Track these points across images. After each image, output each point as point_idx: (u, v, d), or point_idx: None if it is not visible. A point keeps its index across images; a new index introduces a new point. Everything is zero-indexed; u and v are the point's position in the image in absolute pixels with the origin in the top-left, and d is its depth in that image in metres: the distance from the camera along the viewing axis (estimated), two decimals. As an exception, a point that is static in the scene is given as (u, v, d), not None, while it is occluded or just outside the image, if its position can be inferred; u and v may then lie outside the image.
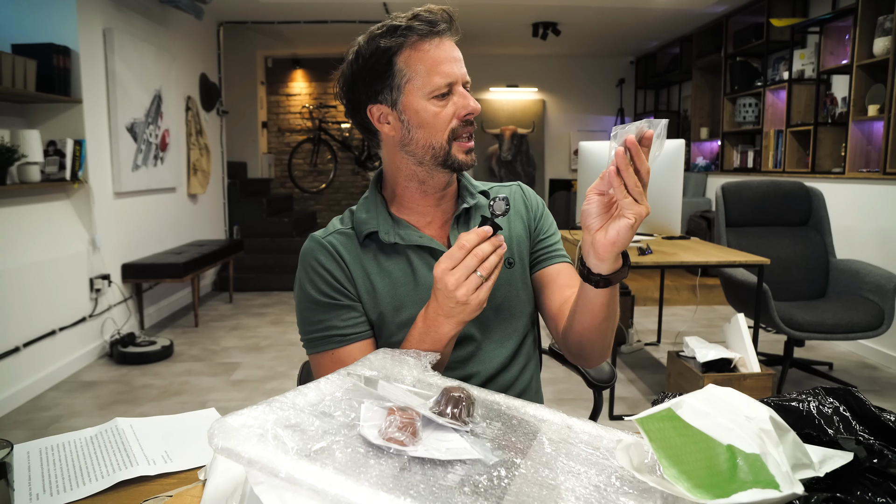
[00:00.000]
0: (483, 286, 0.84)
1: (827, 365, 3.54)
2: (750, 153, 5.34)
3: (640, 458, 0.67)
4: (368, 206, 1.07)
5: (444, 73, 0.97)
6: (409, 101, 0.98)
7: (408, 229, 1.05)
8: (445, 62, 0.97)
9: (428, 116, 0.98)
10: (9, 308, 2.98)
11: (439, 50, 0.96)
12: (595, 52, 7.52)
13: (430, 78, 0.96)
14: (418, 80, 0.97)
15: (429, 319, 0.89)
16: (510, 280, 1.09)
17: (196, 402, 3.07)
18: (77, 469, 0.80)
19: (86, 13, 3.62)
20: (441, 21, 0.96)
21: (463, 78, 0.99)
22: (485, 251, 0.83)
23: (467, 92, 1.00)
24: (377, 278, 1.03)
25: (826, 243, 3.37)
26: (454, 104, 0.99)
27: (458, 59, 0.99)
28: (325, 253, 1.02)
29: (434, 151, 1.00)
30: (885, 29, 3.64)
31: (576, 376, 1.51)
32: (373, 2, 5.20)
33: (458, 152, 1.01)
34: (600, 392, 1.41)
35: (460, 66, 0.99)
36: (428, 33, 0.96)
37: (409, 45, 0.96)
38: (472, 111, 0.99)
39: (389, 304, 1.02)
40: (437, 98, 0.97)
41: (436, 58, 0.96)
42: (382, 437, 0.61)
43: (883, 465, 0.60)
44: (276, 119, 7.90)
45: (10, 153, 2.97)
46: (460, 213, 1.08)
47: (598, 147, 2.97)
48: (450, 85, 0.97)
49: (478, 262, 0.83)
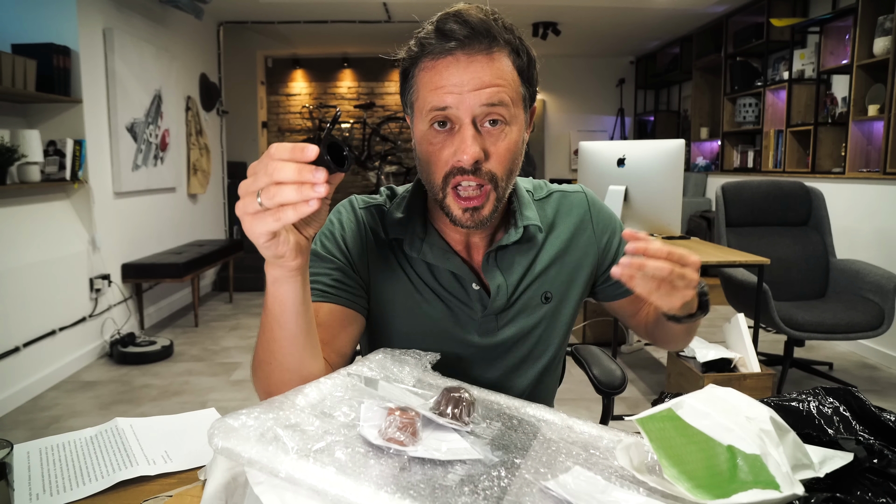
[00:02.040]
0: (262, 220, 0.63)
1: (827, 365, 3.54)
2: (750, 153, 5.34)
3: (640, 458, 0.67)
4: (407, 206, 0.94)
5: (437, 97, 0.81)
6: (416, 124, 0.86)
7: (437, 247, 0.93)
8: (443, 87, 0.80)
9: (422, 149, 0.85)
10: (9, 308, 2.98)
11: (446, 71, 0.81)
12: (595, 52, 7.52)
13: (426, 99, 0.82)
14: (420, 99, 0.84)
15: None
16: (541, 317, 0.97)
17: (196, 402, 3.07)
18: (77, 469, 0.80)
19: (86, 13, 3.62)
20: (457, 34, 0.80)
21: (467, 111, 0.80)
22: (280, 173, 0.60)
23: (474, 131, 0.81)
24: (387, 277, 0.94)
25: (826, 243, 3.37)
26: (452, 143, 0.82)
27: (463, 84, 0.80)
28: (351, 219, 0.95)
29: (433, 192, 0.87)
30: (885, 29, 3.64)
31: (576, 376, 1.49)
32: (373, 2, 5.20)
33: (452, 204, 0.85)
34: (609, 398, 1.34)
35: (465, 95, 0.80)
36: (440, 51, 0.81)
37: (423, 60, 0.83)
38: (461, 162, 0.81)
39: (389, 308, 0.95)
40: (438, 127, 0.82)
41: (435, 78, 0.81)
42: (382, 437, 0.61)
43: (883, 465, 0.60)
44: (276, 119, 7.90)
45: (10, 153, 2.97)
46: (493, 251, 0.93)
47: (598, 147, 2.97)
48: (444, 114, 0.81)
49: (264, 184, 0.61)
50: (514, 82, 0.83)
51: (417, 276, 0.94)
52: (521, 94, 0.85)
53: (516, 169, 0.87)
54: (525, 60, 0.85)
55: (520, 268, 0.95)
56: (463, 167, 0.81)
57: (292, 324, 0.75)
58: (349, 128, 7.90)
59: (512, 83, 0.83)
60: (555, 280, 0.97)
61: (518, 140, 0.85)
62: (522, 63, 0.85)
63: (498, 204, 0.86)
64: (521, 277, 0.95)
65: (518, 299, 0.95)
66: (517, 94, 0.84)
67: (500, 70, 0.81)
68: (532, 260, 0.96)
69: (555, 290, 0.97)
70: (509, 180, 0.86)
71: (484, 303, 0.93)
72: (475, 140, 0.80)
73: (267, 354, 0.78)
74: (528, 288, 0.95)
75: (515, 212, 0.94)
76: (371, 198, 0.99)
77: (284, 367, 0.77)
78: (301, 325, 0.75)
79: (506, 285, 0.93)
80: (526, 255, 0.95)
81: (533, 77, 0.87)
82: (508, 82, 0.82)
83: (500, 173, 0.83)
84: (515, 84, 0.84)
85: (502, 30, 0.82)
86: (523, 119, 0.87)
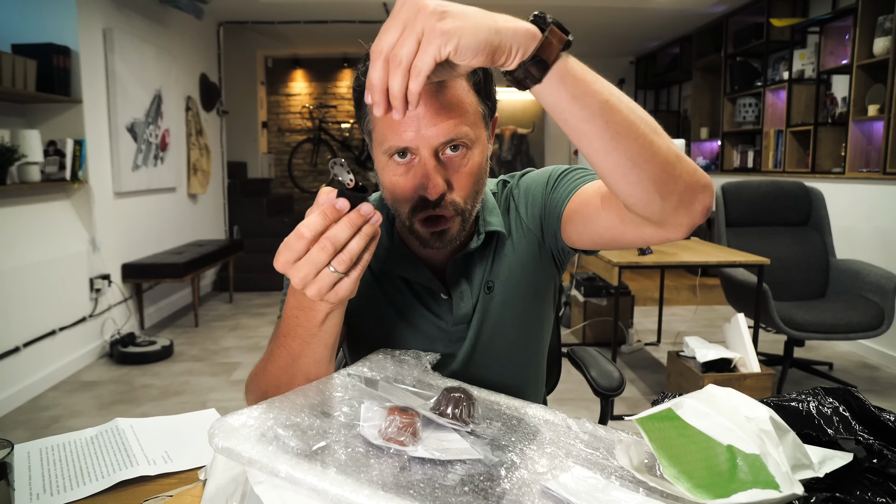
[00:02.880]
0: (343, 281, 0.64)
1: (827, 365, 3.54)
2: (750, 153, 5.34)
3: (640, 458, 0.67)
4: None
5: (394, 134, 0.76)
6: (376, 153, 0.83)
7: (403, 256, 0.92)
8: (400, 123, 0.75)
9: (385, 180, 0.82)
10: (9, 308, 2.98)
11: None
12: (595, 52, 7.52)
13: (384, 135, 0.78)
14: (377, 132, 0.80)
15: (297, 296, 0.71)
16: (485, 307, 0.93)
17: (196, 401, 3.07)
18: (77, 469, 0.80)
19: (86, 13, 3.62)
20: None
21: (427, 147, 0.76)
22: (338, 238, 0.62)
23: (435, 163, 0.77)
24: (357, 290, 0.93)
25: (826, 243, 3.37)
26: (415, 175, 0.79)
27: (419, 117, 0.75)
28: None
29: (399, 219, 0.85)
30: (885, 29, 3.64)
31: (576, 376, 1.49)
32: (373, 2, 5.20)
33: (421, 230, 0.83)
34: (608, 400, 1.32)
35: (423, 131, 0.75)
36: None
37: None
38: (426, 195, 0.77)
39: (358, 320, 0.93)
40: (399, 158, 0.79)
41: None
42: (382, 437, 0.61)
43: (882, 465, 0.61)
44: (276, 119, 7.90)
45: (10, 153, 2.97)
46: (459, 258, 0.91)
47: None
48: (405, 149, 0.77)
49: (329, 255, 0.62)
50: (472, 105, 0.79)
51: (386, 287, 0.93)
52: (480, 113, 0.81)
53: (482, 188, 0.85)
54: (481, 75, 0.81)
55: (480, 270, 0.94)
56: (427, 199, 0.78)
57: (331, 347, 0.76)
58: (349, 128, 7.90)
59: (470, 107, 0.79)
60: (497, 270, 0.93)
61: (481, 160, 0.82)
62: (479, 79, 0.80)
63: (465, 225, 0.84)
64: (482, 280, 0.94)
65: (486, 304, 0.94)
66: (476, 115, 0.80)
67: (457, 97, 0.77)
68: (491, 259, 0.95)
69: (498, 280, 0.93)
70: (475, 201, 0.84)
71: (451, 310, 0.92)
72: (437, 172, 0.77)
73: (287, 377, 0.76)
74: (489, 288, 0.94)
75: (479, 218, 0.92)
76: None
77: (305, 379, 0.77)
78: (333, 345, 0.76)
79: (470, 290, 0.93)
80: (485, 257, 0.94)
81: (491, 91, 0.83)
82: (466, 108, 0.78)
83: (463, 200, 0.81)
84: (474, 106, 0.80)
85: None
86: (485, 137, 0.84)
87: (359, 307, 0.93)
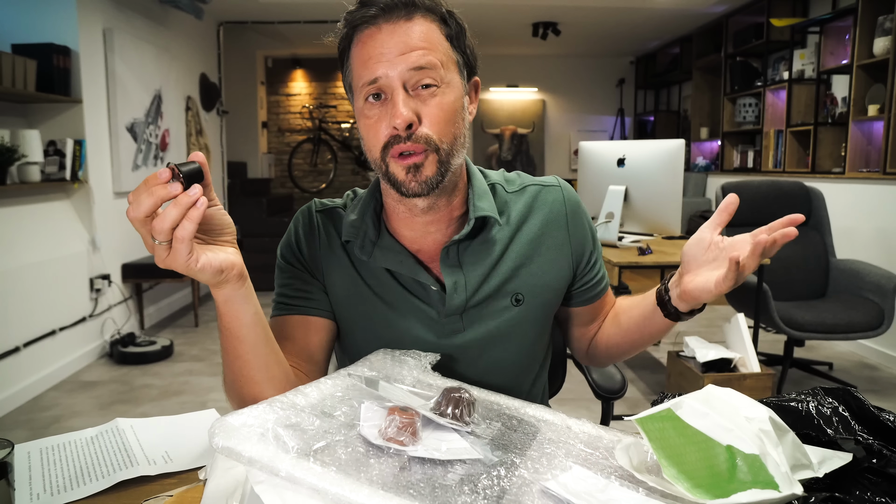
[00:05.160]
0: (174, 250, 0.66)
1: (827, 365, 3.54)
2: (750, 153, 5.34)
3: (639, 458, 0.67)
4: (361, 207, 0.92)
5: (368, 70, 0.81)
6: (355, 103, 0.86)
7: (389, 249, 0.90)
8: (370, 58, 0.80)
9: (361, 125, 0.85)
10: (9, 308, 2.98)
11: (371, 41, 0.81)
12: (595, 52, 7.52)
13: (359, 75, 0.82)
14: (354, 77, 0.84)
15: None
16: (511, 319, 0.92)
17: (196, 401, 3.07)
18: (78, 469, 0.80)
19: (86, 13, 3.62)
20: (379, 2, 0.80)
21: (396, 77, 0.79)
22: (143, 203, 0.64)
23: (405, 95, 0.80)
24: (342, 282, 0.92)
25: (826, 243, 3.37)
26: (386, 113, 0.81)
27: (389, 52, 0.79)
28: (306, 224, 0.94)
29: (375, 165, 0.85)
30: (885, 29, 3.64)
31: (576, 376, 1.48)
32: (373, 2, 5.20)
33: (395, 170, 0.82)
34: (609, 402, 1.32)
35: (392, 60, 0.79)
36: (362, 22, 0.81)
37: (356, 36, 0.83)
38: (395, 129, 0.80)
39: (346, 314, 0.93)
40: (373, 100, 0.82)
41: (363, 52, 0.81)
42: (382, 437, 0.62)
43: (882, 465, 0.61)
44: (276, 119, 7.90)
45: (10, 153, 2.97)
46: (450, 246, 0.89)
47: (598, 147, 2.97)
48: (377, 86, 0.80)
49: (142, 226, 0.65)
50: (441, 45, 0.82)
51: (374, 280, 0.91)
52: (453, 59, 0.84)
53: (459, 135, 0.84)
54: (454, 28, 0.84)
55: (482, 265, 0.90)
56: (398, 134, 0.79)
57: (252, 335, 0.77)
58: (349, 128, 7.90)
59: (440, 46, 0.82)
60: (526, 281, 0.91)
61: (454, 103, 0.83)
62: (451, 31, 0.84)
63: (441, 168, 0.82)
64: (485, 275, 0.90)
65: (484, 299, 0.90)
66: (448, 57, 0.83)
67: (425, 34, 0.81)
68: (498, 257, 0.91)
69: (526, 292, 0.91)
70: (453, 145, 0.83)
71: (443, 302, 0.89)
72: (406, 104, 0.79)
73: (234, 373, 0.80)
74: (494, 286, 0.90)
75: (469, 203, 0.90)
76: (331, 201, 0.97)
77: (253, 380, 0.79)
78: (260, 335, 0.78)
79: (464, 282, 0.89)
80: (489, 251, 0.90)
81: (465, 45, 0.86)
82: (434, 45, 0.81)
83: (436, 135, 0.81)
84: (444, 48, 0.83)
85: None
86: (460, 85, 0.85)
87: (347, 303, 0.92)
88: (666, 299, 0.85)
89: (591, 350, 1.05)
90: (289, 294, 0.92)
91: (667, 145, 2.71)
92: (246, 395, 0.80)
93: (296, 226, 0.95)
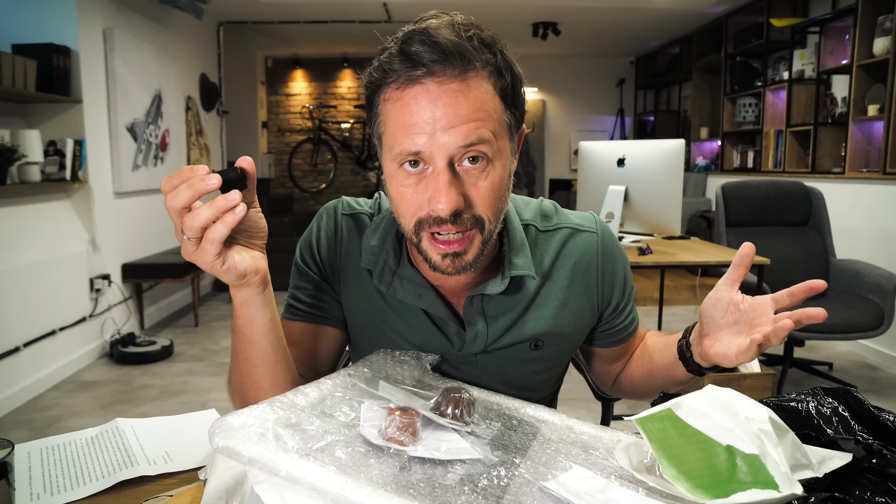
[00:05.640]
0: (202, 249, 0.64)
1: (827, 365, 3.54)
2: (750, 153, 5.34)
3: (639, 458, 0.67)
4: (382, 232, 0.85)
5: (407, 139, 0.69)
6: (385, 160, 0.75)
7: (410, 282, 0.83)
8: (412, 125, 0.68)
9: (393, 190, 0.74)
10: (9, 308, 2.98)
11: (414, 104, 0.68)
12: (595, 52, 7.52)
13: (395, 138, 0.71)
14: (387, 136, 0.72)
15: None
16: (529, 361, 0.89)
17: (196, 402, 3.07)
18: (78, 469, 0.80)
19: (86, 13, 3.62)
20: (425, 58, 0.67)
21: (443, 154, 0.68)
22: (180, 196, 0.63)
23: (450, 176, 0.69)
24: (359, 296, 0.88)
25: (826, 243, 3.37)
26: (426, 187, 0.71)
27: (436, 122, 0.67)
28: (329, 228, 0.89)
29: (406, 235, 0.77)
30: (885, 29, 3.64)
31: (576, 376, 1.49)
32: (373, 2, 5.20)
33: (430, 249, 0.74)
34: (609, 404, 1.33)
35: (439, 134, 0.68)
36: (406, 80, 0.68)
37: (388, 88, 0.71)
38: (436, 212, 0.70)
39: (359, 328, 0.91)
40: (409, 167, 0.71)
41: (402, 115, 0.69)
42: (382, 437, 0.62)
43: (881, 465, 0.61)
44: (276, 119, 7.90)
45: (11, 153, 2.97)
46: (478, 296, 0.83)
47: (598, 147, 2.97)
48: (418, 156, 0.70)
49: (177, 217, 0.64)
50: (496, 111, 0.71)
51: (393, 302, 0.86)
52: (505, 122, 0.73)
53: (504, 206, 0.77)
54: (509, 80, 0.72)
55: (507, 318, 0.85)
56: (439, 217, 0.70)
57: (264, 341, 0.76)
58: (349, 128, 7.90)
59: (494, 113, 0.71)
60: (548, 329, 0.86)
61: (504, 176, 0.74)
62: (506, 84, 0.72)
63: (484, 247, 0.75)
64: (506, 328, 0.85)
65: (502, 347, 0.86)
66: (500, 124, 0.72)
67: (479, 99, 0.69)
68: (523, 310, 0.86)
69: (546, 339, 0.87)
70: (497, 220, 0.75)
71: (462, 339, 0.85)
72: (452, 186, 0.69)
73: (241, 375, 0.79)
74: (515, 338, 0.86)
75: (505, 258, 0.82)
76: (359, 204, 0.91)
77: (259, 385, 0.79)
78: (272, 342, 0.77)
79: (486, 333, 0.84)
80: (516, 305, 0.85)
81: (519, 99, 0.75)
82: (489, 113, 0.70)
83: (486, 215, 0.73)
84: (498, 113, 0.71)
85: (480, 48, 0.69)
86: (509, 150, 0.75)
87: (363, 316, 0.90)
88: (688, 356, 0.83)
89: (615, 386, 1.04)
90: (302, 299, 0.90)
91: (667, 145, 2.71)
92: (250, 398, 0.79)
93: (318, 226, 0.90)
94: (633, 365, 1.00)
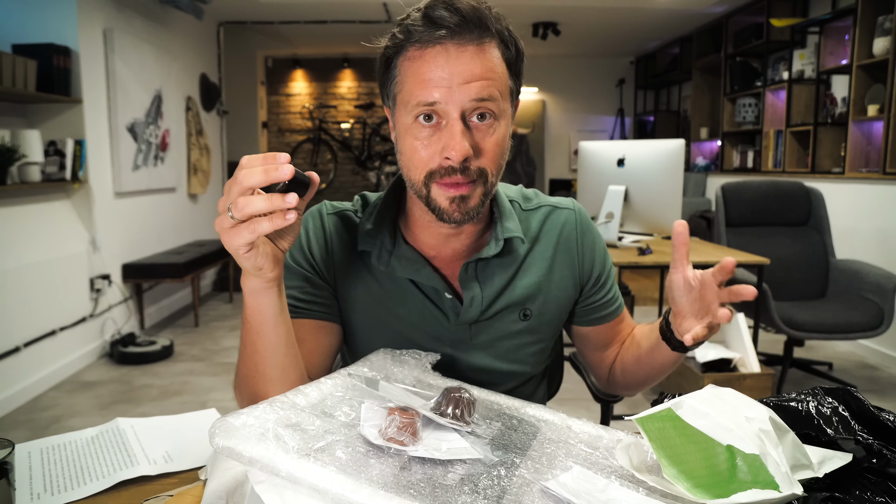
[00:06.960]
0: (237, 230, 0.65)
1: (827, 365, 3.54)
2: (750, 153, 5.34)
3: (640, 458, 0.67)
4: (377, 216, 0.91)
5: (426, 91, 0.77)
6: (399, 116, 0.82)
7: (406, 259, 0.89)
8: (431, 80, 0.76)
9: (406, 144, 0.81)
10: (9, 308, 2.98)
11: (434, 62, 0.76)
12: (595, 52, 7.52)
13: (413, 92, 0.78)
14: (405, 91, 0.79)
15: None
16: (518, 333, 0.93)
17: (196, 401, 3.07)
18: (78, 469, 0.80)
19: (86, 13, 3.62)
20: (447, 22, 0.75)
21: (456, 106, 0.76)
22: (253, 179, 0.64)
23: (463, 127, 0.77)
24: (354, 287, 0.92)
25: (826, 243, 3.37)
26: (439, 139, 0.78)
27: (453, 78, 0.76)
28: (317, 228, 0.93)
29: (415, 188, 0.83)
30: (884, 29, 3.64)
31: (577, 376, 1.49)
32: (373, 2, 5.20)
33: (438, 197, 0.81)
34: (608, 405, 1.34)
35: (455, 88, 0.76)
36: (427, 40, 0.76)
37: (409, 49, 0.79)
38: (450, 158, 0.77)
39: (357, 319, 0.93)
40: (424, 121, 0.78)
41: (423, 70, 0.77)
42: (383, 437, 0.62)
43: (882, 465, 0.61)
44: (276, 119, 7.90)
45: (11, 153, 2.97)
46: (473, 262, 0.89)
47: (598, 147, 2.97)
48: (433, 109, 0.77)
49: (238, 190, 0.64)
50: (503, 75, 0.80)
51: (389, 285, 0.91)
52: (509, 87, 0.82)
53: (503, 164, 0.84)
54: (514, 52, 0.82)
55: (499, 281, 0.91)
56: (451, 166, 0.78)
57: (273, 334, 0.77)
58: (349, 128, 7.90)
59: (501, 76, 0.80)
60: (535, 297, 0.93)
61: (506, 135, 0.82)
62: (511, 55, 0.82)
63: (485, 199, 0.82)
64: (499, 291, 0.91)
65: (495, 313, 0.92)
66: (506, 87, 0.81)
67: (491, 62, 0.78)
68: (513, 274, 0.92)
69: (534, 308, 0.93)
70: (497, 176, 0.83)
71: (457, 311, 0.90)
72: (464, 136, 0.77)
73: (250, 368, 0.80)
74: (506, 302, 0.92)
75: (497, 222, 0.90)
76: (341, 204, 0.96)
77: (268, 378, 0.79)
78: (281, 335, 0.78)
79: (481, 297, 0.90)
80: (507, 268, 0.92)
81: (520, 70, 0.85)
82: (498, 75, 0.79)
83: (490, 168, 0.80)
84: (504, 77, 0.81)
85: (493, 19, 0.79)
86: (510, 113, 0.84)
87: (361, 309, 0.92)
88: (668, 334, 0.86)
89: (610, 377, 1.06)
90: (300, 297, 0.91)
91: (667, 145, 2.71)
92: (259, 392, 0.79)
93: (306, 229, 0.93)
94: (623, 353, 1.03)
